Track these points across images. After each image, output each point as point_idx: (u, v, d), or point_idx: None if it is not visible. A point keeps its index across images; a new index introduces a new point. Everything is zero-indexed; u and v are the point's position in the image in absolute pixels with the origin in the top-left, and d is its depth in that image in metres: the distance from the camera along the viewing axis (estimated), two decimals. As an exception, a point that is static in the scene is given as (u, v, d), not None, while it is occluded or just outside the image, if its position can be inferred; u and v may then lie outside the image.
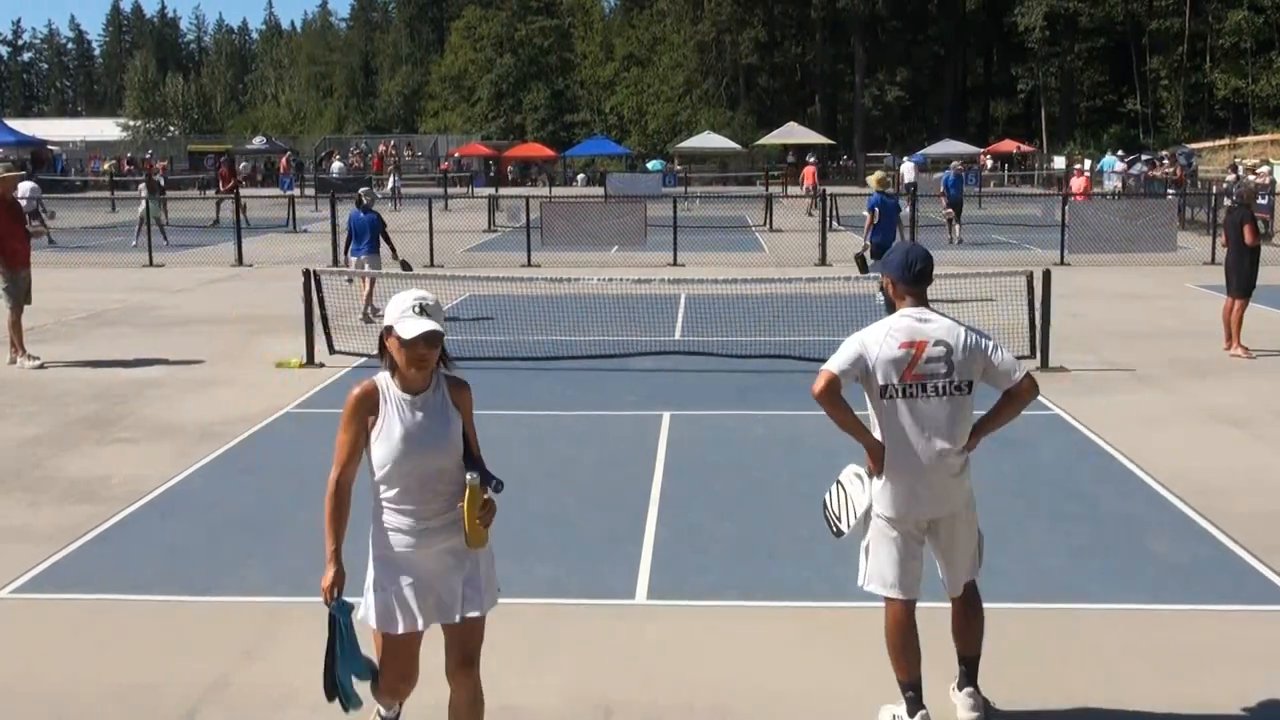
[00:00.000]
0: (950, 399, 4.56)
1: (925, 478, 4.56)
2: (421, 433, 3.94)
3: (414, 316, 3.82)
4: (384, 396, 3.99)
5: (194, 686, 5.19)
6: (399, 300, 3.89)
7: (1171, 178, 35.25)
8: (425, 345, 3.85)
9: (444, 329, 3.89)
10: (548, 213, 25.06)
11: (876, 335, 4.63)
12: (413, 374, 3.91)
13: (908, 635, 4.67)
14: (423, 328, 3.81)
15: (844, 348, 4.70)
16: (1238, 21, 58.63)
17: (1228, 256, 13.21)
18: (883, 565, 4.66)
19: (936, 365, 4.55)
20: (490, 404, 10.79)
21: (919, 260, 4.68)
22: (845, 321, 14.29)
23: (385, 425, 3.96)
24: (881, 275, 4.91)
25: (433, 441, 3.95)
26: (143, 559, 6.85)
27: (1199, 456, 8.89)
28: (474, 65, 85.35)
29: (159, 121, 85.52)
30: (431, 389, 4.02)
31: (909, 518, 4.62)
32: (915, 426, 4.55)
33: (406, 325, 3.82)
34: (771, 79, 79.05)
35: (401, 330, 3.82)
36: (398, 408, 3.96)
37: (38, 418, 10.35)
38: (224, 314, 16.71)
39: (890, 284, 4.73)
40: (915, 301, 4.67)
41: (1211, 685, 5.14)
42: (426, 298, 3.89)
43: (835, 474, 4.98)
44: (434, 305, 3.89)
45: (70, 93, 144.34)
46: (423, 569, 3.97)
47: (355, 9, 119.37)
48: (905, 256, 4.71)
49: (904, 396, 4.56)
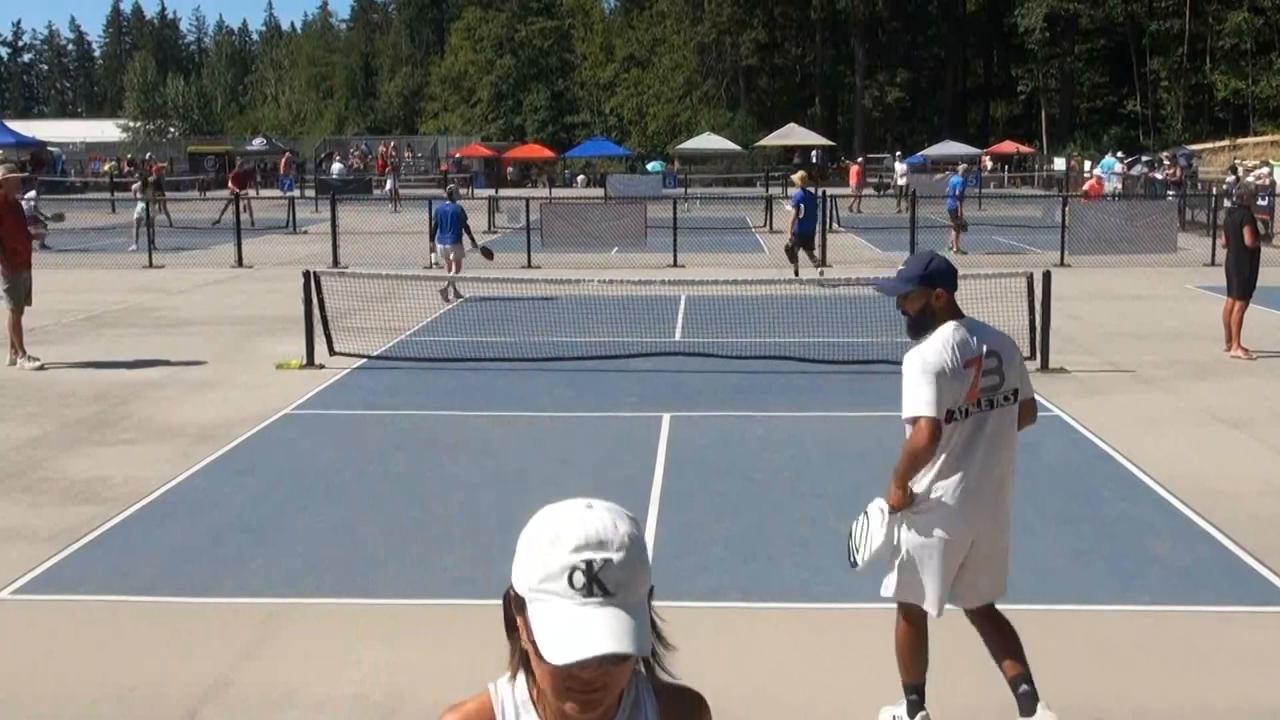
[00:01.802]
0: (1002, 410, 4.38)
1: (980, 495, 4.38)
2: None
3: (576, 603, 1.63)
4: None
5: (194, 686, 5.19)
6: (544, 546, 1.75)
7: (1172, 179, 35.25)
8: (599, 668, 1.63)
9: (646, 634, 1.66)
10: (547, 214, 25.05)
11: (943, 358, 4.27)
12: (573, 711, 1.70)
13: (922, 639, 4.61)
14: (594, 648, 1.59)
15: (919, 384, 4.25)
16: (1238, 23, 58.62)
17: (1228, 258, 13.21)
18: (922, 580, 4.48)
19: (992, 378, 4.33)
20: (490, 405, 10.82)
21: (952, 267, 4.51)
22: (845, 321, 14.35)
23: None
24: (917, 290, 4.38)
25: None
26: (143, 560, 6.85)
27: (1199, 458, 8.88)
28: (474, 66, 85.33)
29: (159, 123, 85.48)
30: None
31: (965, 538, 4.43)
32: (972, 445, 4.33)
33: (557, 629, 1.63)
34: (772, 80, 79.05)
35: (548, 643, 1.62)
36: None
37: (38, 419, 10.35)
38: (224, 315, 16.71)
39: (938, 297, 4.36)
40: (956, 310, 4.43)
41: (1212, 685, 5.14)
42: (606, 543, 1.67)
43: (835, 474, 4.98)
44: (620, 564, 1.66)
45: (70, 94, 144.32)
46: None
47: (355, 10, 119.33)
48: (948, 265, 4.44)
49: (964, 418, 4.32)
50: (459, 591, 6.32)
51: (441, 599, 6.23)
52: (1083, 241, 22.97)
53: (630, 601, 1.65)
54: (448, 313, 16.35)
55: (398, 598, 6.23)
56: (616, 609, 1.63)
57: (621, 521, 1.71)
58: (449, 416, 10.41)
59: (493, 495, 7.91)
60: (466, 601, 6.18)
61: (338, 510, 7.71)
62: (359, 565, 6.71)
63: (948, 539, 4.39)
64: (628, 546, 1.68)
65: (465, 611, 6.05)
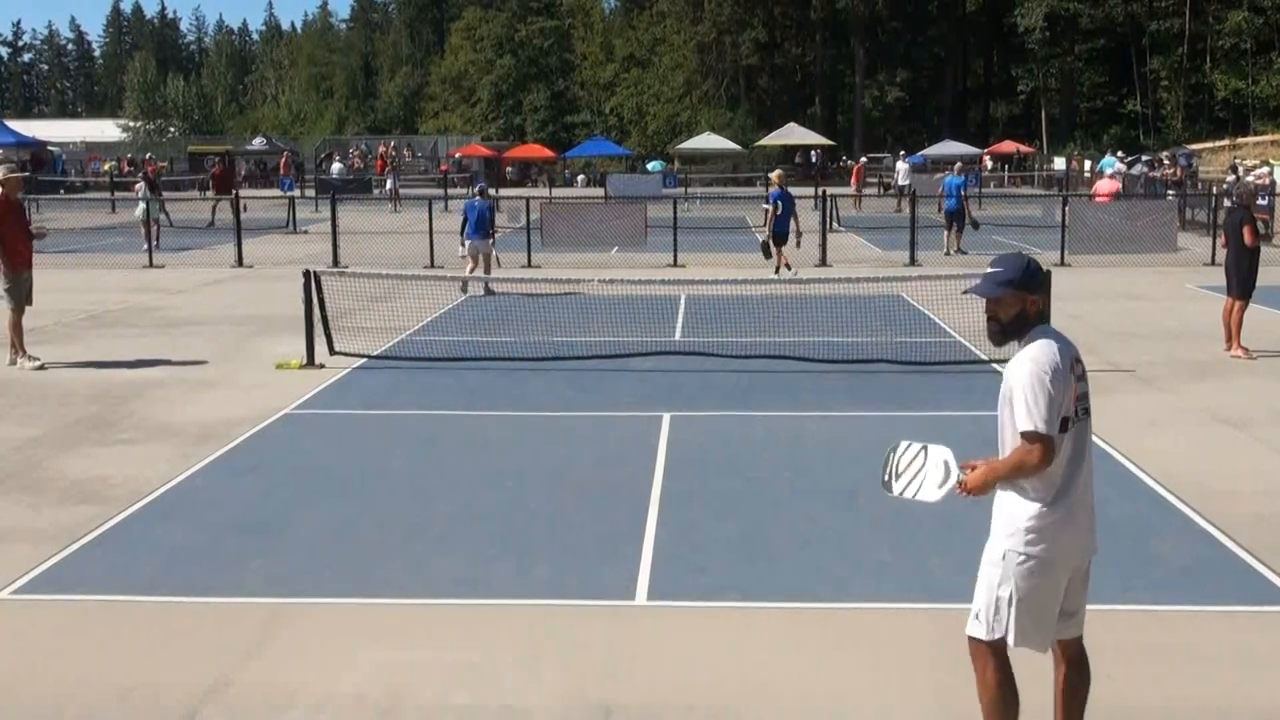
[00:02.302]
0: (1088, 420, 4.13)
1: (1086, 509, 4.07)
2: None
3: None
4: None
5: (194, 686, 5.19)
6: None
7: (1171, 178, 35.25)
8: None
9: None
10: (548, 214, 25.06)
11: (1056, 365, 3.97)
12: None
13: (1012, 681, 4.16)
14: None
15: (1038, 396, 3.91)
16: (1238, 22, 58.62)
17: (1227, 257, 13.21)
18: (1038, 620, 4.03)
19: (1084, 384, 4.10)
20: (490, 404, 10.82)
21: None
22: (845, 322, 14.35)
23: None
24: (1014, 294, 4.08)
25: None
26: (143, 559, 6.85)
27: (1199, 458, 8.88)
28: (474, 66, 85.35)
29: (159, 123, 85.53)
30: None
31: (1080, 562, 4.11)
32: (1076, 456, 4.03)
33: None
34: (772, 80, 79.07)
35: None
36: None
37: (38, 418, 10.35)
38: (224, 315, 16.71)
39: (1033, 302, 4.08)
40: (1046, 315, 4.21)
41: (1212, 685, 5.14)
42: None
43: (835, 474, 4.96)
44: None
45: (70, 94, 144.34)
46: None
47: (355, 10, 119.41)
48: (1042, 269, 4.19)
49: (1071, 427, 4.01)
50: (459, 591, 6.32)
51: (441, 599, 6.23)
52: (1083, 241, 22.98)
53: None
54: (448, 312, 16.35)
55: (398, 598, 6.23)
56: None
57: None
58: (449, 416, 10.41)
59: (493, 495, 7.91)
60: (466, 601, 6.18)
61: (338, 510, 7.71)
62: (359, 565, 6.71)
63: (1063, 565, 4.03)
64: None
65: (465, 611, 6.06)
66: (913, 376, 11.86)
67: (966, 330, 13.72)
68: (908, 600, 6.07)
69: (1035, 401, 3.88)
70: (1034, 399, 3.89)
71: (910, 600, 6.07)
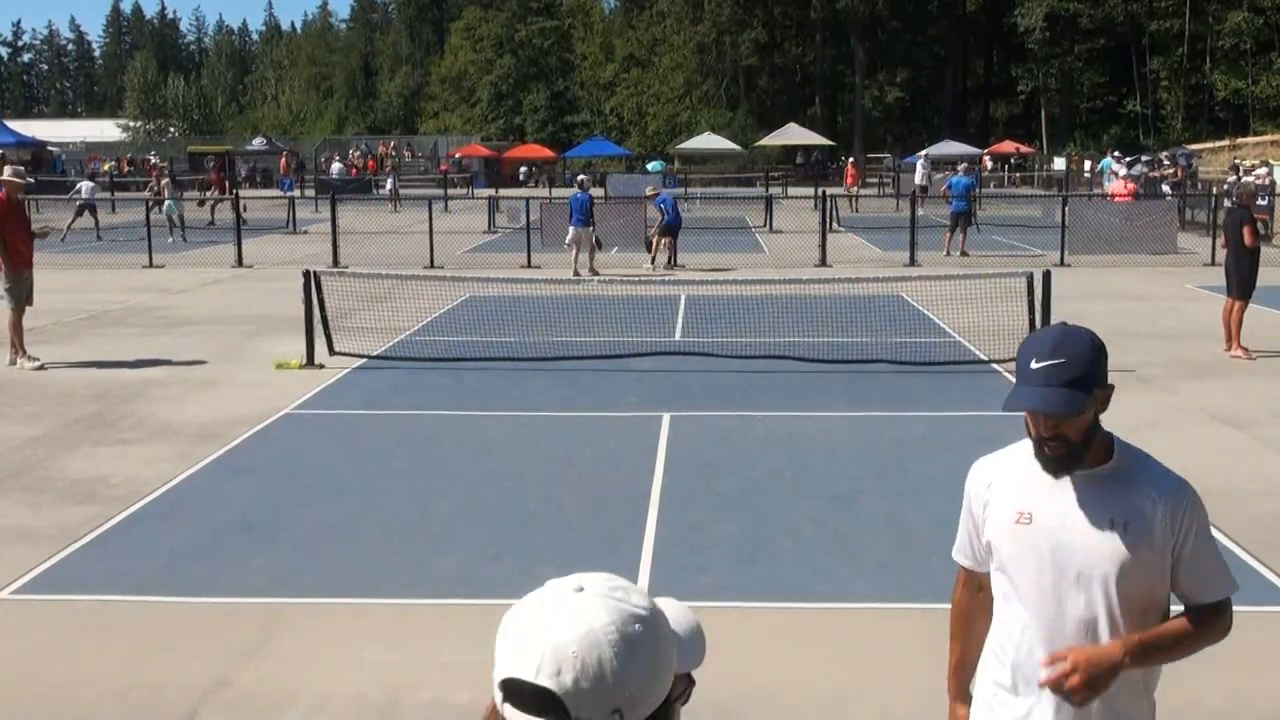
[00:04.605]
0: None
1: None
2: None
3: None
4: None
5: (194, 686, 5.19)
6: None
7: (1171, 179, 35.26)
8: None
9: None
10: (548, 214, 25.04)
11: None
12: None
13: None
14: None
15: (1211, 538, 2.69)
16: (1238, 22, 58.62)
17: (1227, 257, 13.22)
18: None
19: None
20: (490, 404, 10.82)
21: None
22: (845, 322, 14.35)
23: None
24: (1091, 396, 2.62)
25: None
26: (143, 559, 6.85)
27: (1199, 458, 8.87)
28: (474, 66, 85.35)
29: (159, 123, 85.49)
30: None
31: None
32: None
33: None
34: (771, 80, 79.07)
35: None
36: None
37: (38, 418, 10.35)
38: (224, 315, 16.71)
39: (1106, 398, 2.68)
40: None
41: (1212, 685, 5.14)
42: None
43: (835, 474, 4.96)
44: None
45: (70, 94, 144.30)
46: None
47: (355, 10, 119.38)
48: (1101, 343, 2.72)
49: None
50: (459, 591, 6.32)
51: (441, 599, 6.23)
52: (1083, 241, 22.98)
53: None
54: (448, 312, 16.35)
55: (398, 598, 6.24)
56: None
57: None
58: (449, 416, 10.41)
59: (492, 495, 7.91)
60: (466, 601, 6.18)
61: (337, 510, 7.71)
62: (359, 565, 6.71)
63: None
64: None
65: (465, 611, 6.06)
66: (913, 376, 11.86)
67: (966, 330, 13.73)
68: (908, 600, 6.07)
69: (1218, 549, 2.70)
70: (1217, 546, 2.69)
71: (910, 600, 6.07)
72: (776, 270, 20.66)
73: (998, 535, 2.71)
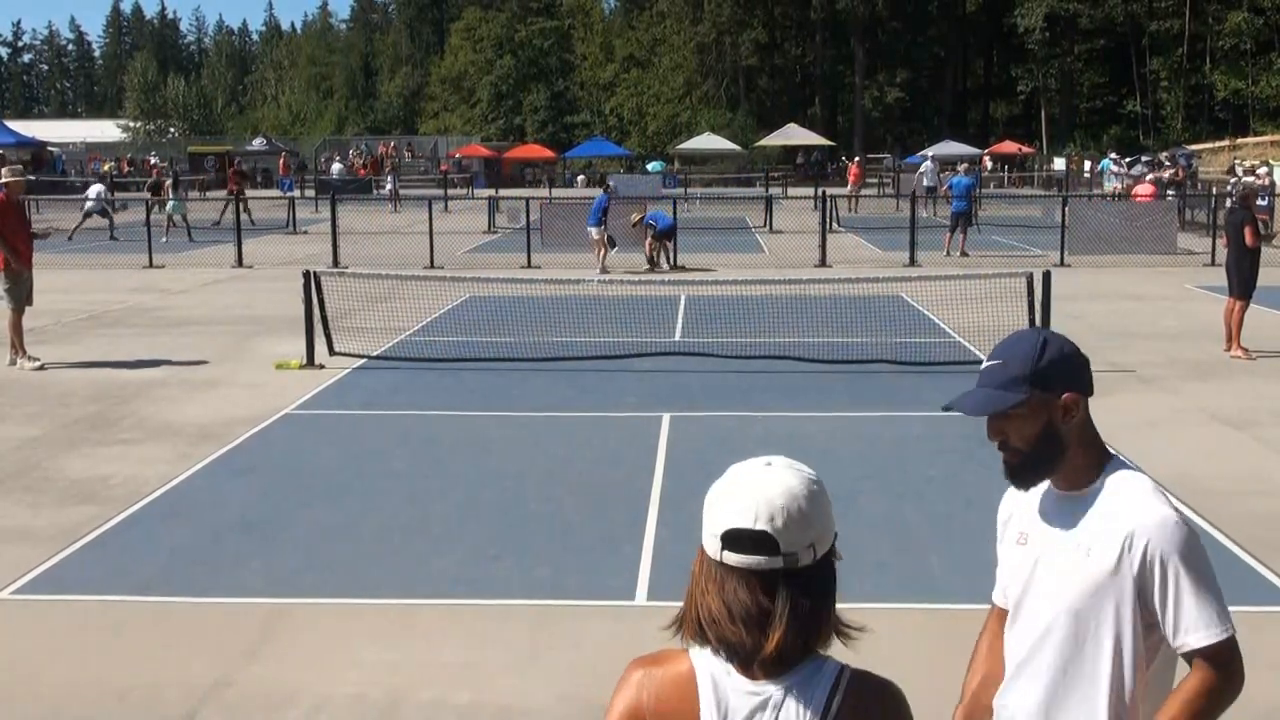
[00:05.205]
0: None
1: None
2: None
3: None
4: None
5: (194, 686, 5.19)
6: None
7: (1172, 179, 35.28)
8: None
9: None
10: (547, 214, 25.02)
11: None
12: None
13: None
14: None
15: (1212, 582, 2.41)
16: (1237, 23, 58.63)
17: (1228, 258, 13.22)
18: None
19: None
20: (490, 405, 10.82)
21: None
22: (845, 322, 14.35)
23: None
24: (1029, 398, 2.40)
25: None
26: (143, 560, 6.85)
27: (1199, 458, 8.88)
28: (474, 66, 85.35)
29: (159, 123, 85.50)
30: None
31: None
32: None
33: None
34: (771, 80, 79.08)
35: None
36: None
37: (38, 418, 10.35)
38: (224, 315, 16.71)
39: (1067, 405, 2.43)
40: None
41: (1212, 685, 5.14)
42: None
43: (834, 474, 4.95)
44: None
45: (70, 94, 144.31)
46: None
47: (355, 10, 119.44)
48: (1074, 350, 2.50)
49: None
50: (459, 591, 6.32)
51: (441, 599, 6.23)
52: (1083, 241, 22.98)
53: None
54: (447, 313, 16.35)
55: (398, 598, 6.24)
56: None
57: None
58: (449, 416, 10.41)
59: (492, 495, 7.91)
60: (466, 601, 6.19)
61: (337, 510, 7.71)
62: (359, 565, 6.71)
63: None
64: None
65: (465, 611, 6.06)
66: (913, 377, 11.86)
67: (966, 330, 13.73)
68: (908, 600, 6.07)
69: (1213, 596, 2.38)
70: (1210, 591, 2.37)
71: (910, 600, 6.07)
72: (776, 270, 20.66)
73: (1005, 557, 2.65)
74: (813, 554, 1.80)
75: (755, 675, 1.78)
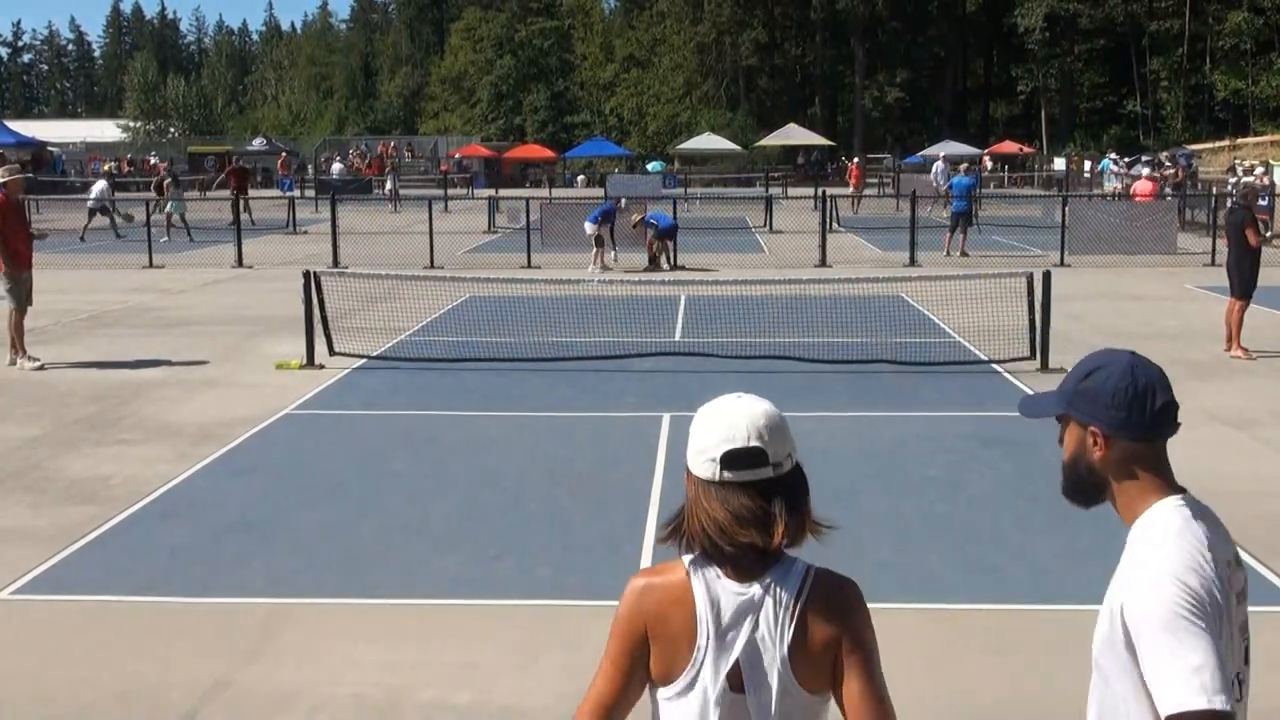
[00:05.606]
0: (1248, 669, 2.55)
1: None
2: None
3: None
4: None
5: (194, 686, 5.19)
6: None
7: (1173, 179, 35.29)
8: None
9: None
10: (548, 214, 25.02)
11: (1205, 578, 2.27)
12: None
13: None
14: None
15: (1187, 643, 2.13)
16: (1238, 23, 58.64)
17: (1229, 258, 13.22)
18: None
19: (1244, 610, 2.50)
20: (490, 405, 10.82)
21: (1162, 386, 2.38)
22: (845, 322, 14.35)
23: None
24: (1076, 423, 2.40)
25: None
26: (143, 560, 6.85)
27: (1200, 458, 8.87)
28: (474, 67, 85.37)
29: (159, 123, 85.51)
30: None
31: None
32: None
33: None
34: (771, 80, 79.10)
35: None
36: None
37: (38, 418, 10.35)
38: (224, 315, 16.71)
39: (1101, 444, 2.35)
40: (1165, 473, 2.45)
41: (1212, 685, 5.14)
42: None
43: (835, 473, 4.94)
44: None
45: (70, 94, 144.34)
46: None
47: (355, 10, 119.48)
48: (1145, 381, 2.39)
49: (1237, 691, 2.39)
50: (459, 591, 6.32)
51: (441, 599, 6.23)
52: (1083, 241, 22.98)
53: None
54: (447, 313, 16.35)
55: (398, 598, 6.24)
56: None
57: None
58: (449, 416, 10.41)
59: (492, 495, 7.91)
60: (466, 601, 6.19)
61: (337, 510, 7.71)
62: (359, 565, 6.71)
63: None
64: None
65: (465, 611, 6.06)
66: (913, 376, 11.86)
67: (966, 330, 13.73)
68: (908, 600, 6.07)
69: (1186, 661, 2.12)
70: (1181, 654, 2.12)
71: (910, 600, 6.07)
72: (777, 270, 20.67)
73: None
74: (791, 461, 2.16)
75: (741, 577, 2.11)
